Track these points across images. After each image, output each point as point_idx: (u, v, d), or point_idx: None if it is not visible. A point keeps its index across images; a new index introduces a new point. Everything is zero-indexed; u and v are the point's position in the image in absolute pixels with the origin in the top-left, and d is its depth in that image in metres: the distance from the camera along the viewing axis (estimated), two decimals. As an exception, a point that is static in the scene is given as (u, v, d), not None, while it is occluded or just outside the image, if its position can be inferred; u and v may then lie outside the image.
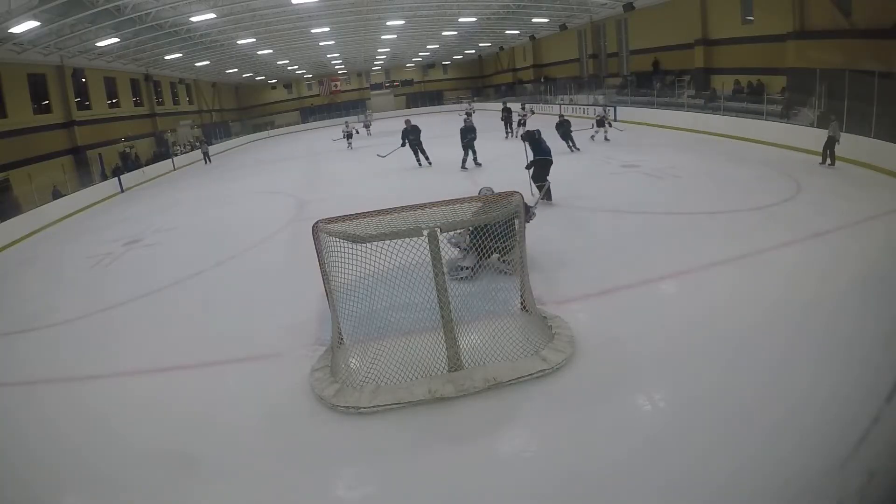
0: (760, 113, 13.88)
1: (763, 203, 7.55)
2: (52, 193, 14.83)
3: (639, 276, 5.37)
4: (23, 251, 11.14)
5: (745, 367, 3.67)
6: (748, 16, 16.66)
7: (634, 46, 23.05)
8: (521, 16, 25.20)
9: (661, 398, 3.54)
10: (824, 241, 5.99)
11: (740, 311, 4.50)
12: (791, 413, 3.12)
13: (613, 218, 7.69)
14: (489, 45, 36.08)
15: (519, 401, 3.56)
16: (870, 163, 9.27)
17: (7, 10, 12.18)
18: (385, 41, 30.13)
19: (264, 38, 23.54)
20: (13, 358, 5.39)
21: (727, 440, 2.97)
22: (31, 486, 3.31)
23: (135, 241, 9.88)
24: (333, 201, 9.81)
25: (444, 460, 3.13)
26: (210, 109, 34.38)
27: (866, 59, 11.32)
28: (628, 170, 10.95)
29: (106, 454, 3.48)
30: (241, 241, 8.58)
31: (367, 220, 3.96)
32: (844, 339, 3.85)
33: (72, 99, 19.08)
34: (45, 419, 4.05)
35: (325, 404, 3.68)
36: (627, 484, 2.78)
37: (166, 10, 16.69)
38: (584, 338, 4.16)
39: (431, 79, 44.36)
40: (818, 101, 12.33)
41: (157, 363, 4.72)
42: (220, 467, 3.26)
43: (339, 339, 4.16)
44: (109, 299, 6.60)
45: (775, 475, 2.67)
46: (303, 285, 5.65)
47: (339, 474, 3.17)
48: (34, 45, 15.80)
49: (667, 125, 17.00)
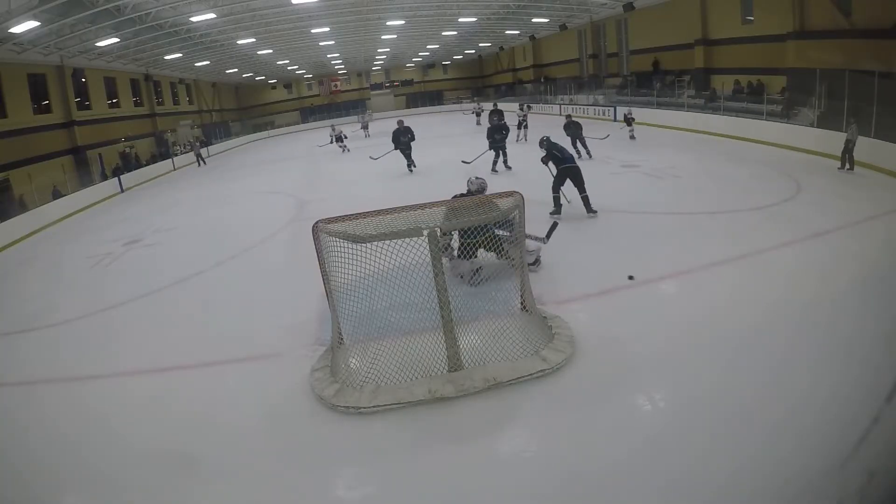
0: (760, 113, 13.88)
1: (763, 203, 7.55)
2: (53, 193, 14.85)
3: (639, 275, 5.37)
4: (23, 251, 11.14)
5: (745, 367, 3.67)
6: (748, 16, 16.67)
7: (634, 46, 23.06)
8: (521, 16, 25.20)
9: (661, 398, 3.54)
10: (824, 241, 5.99)
11: (740, 311, 4.50)
12: (791, 413, 3.12)
13: (613, 218, 7.69)
14: (489, 45, 36.08)
15: (519, 401, 3.56)
16: (870, 163, 9.27)
17: (7, 10, 12.18)
18: (385, 41, 30.14)
19: (264, 38, 23.54)
20: (13, 358, 5.39)
21: (727, 440, 2.97)
22: (31, 485, 3.31)
23: (135, 241, 9.88)
24: (333, 201, 9.81)
25: (444, 460, 3.13)
26: (210, 109, 34.38)
27: (866, 59, 11.33)
28: (628, 170, 10.95)
29: (106, 454, 3.48)
30: (241, 241, 8.57)
31: (367, 220, 3.96)
32: (844, 339, 3.84)
33: (72, 99, 19.08)
34: (45, 419, 4.04)
35: (325, 404, 3.68)
36: (627, 484, 2.78)
37: (166, 10, 16.69)
38: (584, 338, 4.16)
39: (431, 79, 44.36)
40: (818, 101, 12.33)
41: (157, 363, 4.72)
42: (220, 467, 3.25)
43: (339, 339, 4.16)
44: (109, 299, 6.60)
45: (775, 475, 2.67)
46: (303, 285, 5.64)
47: (339, 474, 3.17)
48: (34, 45, 15.80)
49: (667, 125, 17.00)
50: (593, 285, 5.25)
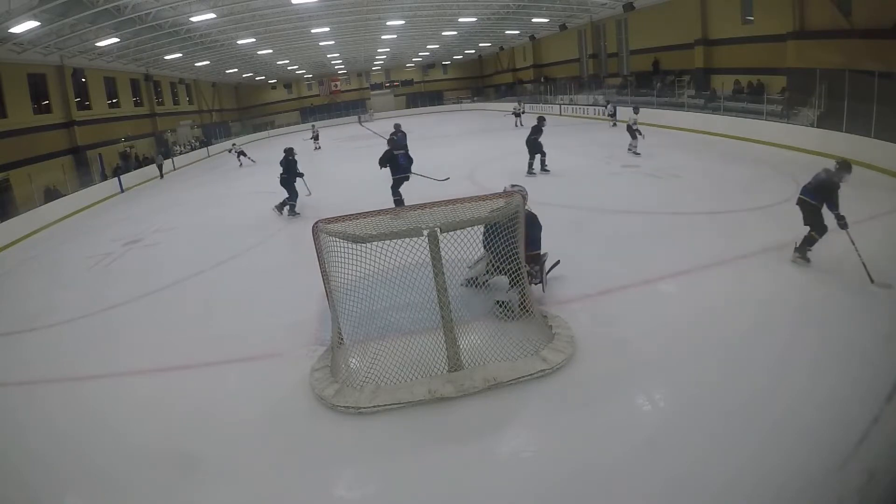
0: (760, 113, 13.89)
1: (763, 203, 7.55)
2: (45, 193, 14.67)
3: (639, 276, 5.37)
4: (23, 251, 11.14)
5: (744, 367, 3.67)
6: (748, 16, 16.67)
7: (634, 46, 23.06)
8: (521, 16, 25.20)
9: (661, 398, 3.54)
10: (824, 240, 5.99)
11: (740, 311, 4.50)
12: (791, 413, 3.12)
13: (613, 218, 7.69)
14: (489, 45, 36.08)
15: (519, 401, 3.56)
16: (870, 163, 9.27)
17: (7, 10, 12.18)
18: (385, 41, 30.13)
19: (264, 38, 23.53)
20: (13, 358, 5.39)
21: (727, 440, 2.98)
22: (31, 485, 3.31)
23: (135, 241, 9.88)
24: (334, 201, 9.80)
25: (444, 460, 3.13)
26: (210, 109, 34.39)
27: (866, 59, 11.32)
28: (628, 170, 10.95)
29: (106, 453, 3.49)
30: (241, 241, 8.57)
31: (367, 220, 3.97)
32: (844, 339, 3.85)
33: (72, 99, 19.07)
34: (45, 419, 4.05)
35: (325, 404, 3.68)
36: (627, 483, 2.78)
37: (166, 10, 16.68)
38: (584, 338, 4.16)
39: (431, 79, 44.38)
40: (818, 101, 12.33)
41: (157, 363, 4.72)
42: (220, 467, 3.26)
43: (339, 339, 4.16)
44: (109, 299, 6.60)
45: (775, 475, 2.67)
46: (303, 285, 5.65)
47: (339, 474, 3.17)
48: (34, 45, 15.80)
49: (667, 125, 17.00)
50: (593, 285, 5.25)
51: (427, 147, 13.79)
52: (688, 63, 19.24)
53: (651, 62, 21.54)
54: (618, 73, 24.35)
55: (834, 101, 11.30)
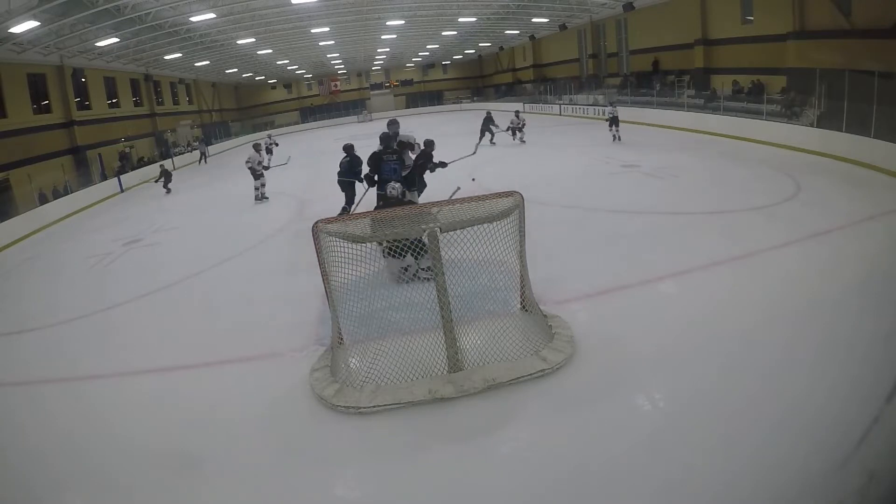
0: (760, 113, 13.87)
1: (763, 203, 7.54)
2: (39, 197, 14.60)
3: (639, 276, 5.37)
4: (23, 251, 11.14)
5: (744, 368, 3.67)
6: (748, 16, 16.67)
7: (634, 46, 23.06)
8: (521, 16, 25.20)
9: (661, 398, 3.54)
10: (824, 241, 5.99)
11: (739, 311, 4.50)
12: (791, 413, 3.12)
13: (613, 218, 7.69)
14: (489, 45, 36.08)
15: (519, 401, 3.56)
16: (870, 163, 9.27)
17: (7, 10, 12.17)
18: (385, 41, 30.13)
19: (264, 38, 23.53)
20: (13, 358, 5.39)
21: (727, 440, 2.97)
22: (31, 485, 3.31)
23: (135, 241, 9.88)
24: (334, 201, 9.80)
25: (444, 460, 3.13)
26: (210, 109, 34.37)
27: (866, 59, 11.33)
28: (628, 170, 10.95)
29: (106, 453, 3.48)
30: (241, 241, 8.57)
31: (367, 220, 3.96)
32: (844, 339, 3.84)
33: (72, 99, 19.06)
34: (45, 419, 4.04)
35: (325, 404, 3.67)
36: (627, 483, 2.78)
37: (166, 10, 16.68)
38: (584, 338, 4.16)
39: (431, 79, 44.39)
40: (818, 101, 12.33)
41: (157, 363, 4.72)
42: (219, 467, 3.25)
43: (339, 339, 4.15)
44: (109, 299, 6.60)
45: (775, 475, 2.67)
46: (303, 285, 5.65)
47: (339, 474, 3.17)
48: (34, 45, 15.78)
49: (667, 125, 17.00)
50: (593, 285, 5.25)
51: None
52: (688, 63, 19.24)
53: (651, 62, 21.53)
54: (618, 73, 24.35)
55: (834, 101, 11.28)
